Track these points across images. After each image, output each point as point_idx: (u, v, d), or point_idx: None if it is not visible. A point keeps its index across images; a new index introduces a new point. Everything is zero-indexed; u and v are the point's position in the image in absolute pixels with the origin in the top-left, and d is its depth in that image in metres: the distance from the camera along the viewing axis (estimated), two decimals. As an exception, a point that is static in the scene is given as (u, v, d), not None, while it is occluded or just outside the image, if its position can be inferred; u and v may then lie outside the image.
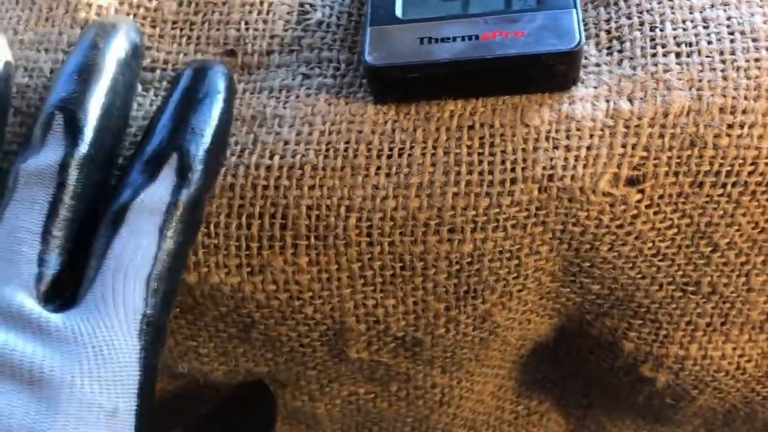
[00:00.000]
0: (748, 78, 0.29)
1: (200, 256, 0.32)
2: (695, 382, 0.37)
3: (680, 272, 0.33)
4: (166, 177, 0.27)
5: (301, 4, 0.35)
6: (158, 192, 0.27)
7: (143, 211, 0.27)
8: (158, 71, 0.34)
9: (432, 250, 0.31)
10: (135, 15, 0.35)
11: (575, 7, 0.30)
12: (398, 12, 0.31)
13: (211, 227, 0.31)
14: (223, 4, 0.35)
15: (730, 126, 0.29)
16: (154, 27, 0.35)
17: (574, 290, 0.34)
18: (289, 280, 0.32)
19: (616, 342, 0.36)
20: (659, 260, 0.32)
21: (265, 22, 0.34)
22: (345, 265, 0.32)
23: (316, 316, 0.34)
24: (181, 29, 0.35)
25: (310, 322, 0.34)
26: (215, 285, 0.32)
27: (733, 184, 0.30)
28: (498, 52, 0.29)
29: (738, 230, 0.31)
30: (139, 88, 0.33)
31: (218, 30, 0.34)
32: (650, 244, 0.32)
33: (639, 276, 0.33)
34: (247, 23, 0.34)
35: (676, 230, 0.31)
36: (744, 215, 0.31)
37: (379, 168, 0.31)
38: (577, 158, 0.30)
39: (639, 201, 0.30)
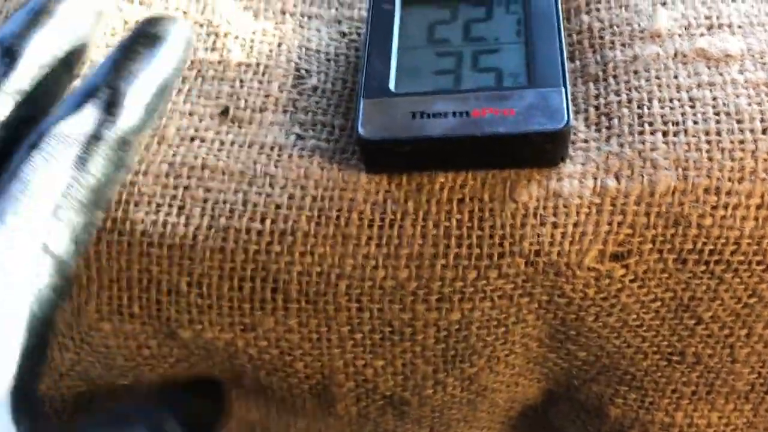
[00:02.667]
0: (732, 159, 0.30)
1: (194, 314, 0.32)
2: (680, 447, 0.37)
3: (665, 342, 0.34)
4: (92, 110, 0.26)
5: (297, 69, 0.35)
6: (79, 122, 0.26)
7: (59, 139, 0.25)
8: None
9: (420, 317, 0.32)
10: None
11: (564, 86, 0.30)
12: (391, 85, 0.32)
13: (204, 288, 0.32)
14: (219, 63, 0.35)
15: (714, 207, 0.30)
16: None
17: (561, 356, 0.35)
18: (280, 338, 0.33)
19: (603, 407, 0.37)
20: (644, 331, 0.33)
21: (260, 82, 0.35)
22: (335, 328, 0.32)
23: (307, 371, 0.34)
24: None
25: (300, 375, 0.35)
26: (209, 340, 0.33)
27: (716, 262, 0.31)
28: (487, 129, 0.30)
29: (721, 305, 0.32)
30: None
31: (211, 85, 0.35)
32: (635, 316, 0.32)
33: (624, 345, 0.34)
34: (242, 81, 0.35)
35: (659, 303, 0.32)
36: (727, 291, 0.31)
37: (369, 238, 0.31)
38: (563, 235, 0.30)
39: (623, 275, 0.31)
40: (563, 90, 0.30)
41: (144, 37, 0.28)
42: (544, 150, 0.30)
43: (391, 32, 0.33)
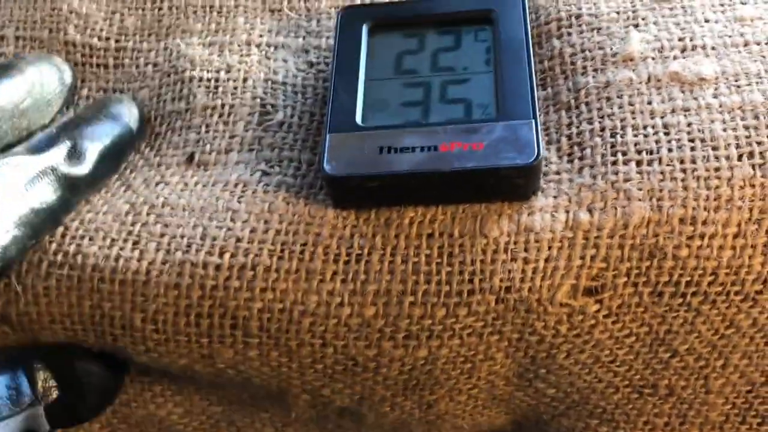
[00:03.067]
0: (708, 188, 0.29)
1: (150, 346, 0.31)
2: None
3: (638, 376, 0.32)
4: (54, 152, 0.30)
5: (263, 105, 0.34)
6: (41, 157, 0.30)
7: (19, 161, 0.29)
8: (114, 176, 0.34)
9: (386, 354, 0.31)
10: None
11: (534, 118, 0.29)
12: (358, 118, 0.31)
13: (159, 324, 0.30)
14: (186, 111, 0.34)
15: (690, 237, 0.29)
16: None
17: (528, 394, 0.34)
18: (239, 363, 0.31)
19: (575, 440, 0.36)
20: (616, 366, 0.32)
21: (225, 123, 0.34)
22: (296, 360, 0.31)
23: (263, 384, 0.33)
24: (146, 142, 0.34)
25: (256, 385, 0.33)
26: (166, 364, 0.32)
27: (693, 294, 0.30)
28: (456, 164, 0.29)
29: (697, 337, 0.31)
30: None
31: (179, 135, 0.34)
32: (608, 352, 0.31)
33: (595, 380, 0.33)
34: (207, 126, 0.34)
35: (634, 338, 0.31)
36: (704, 323, 0.30)
37: (335, 273, 0.30)
38: (534, 270, 0.29)
39: (597, 311, 0.30)
40: (533, 122, 0.29)
41: (102, 113, 0.33)
42: (515, 184, 0.29)
43: (358, 63, 0.32)
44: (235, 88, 0.35)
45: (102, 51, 0.37)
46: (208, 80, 0.35)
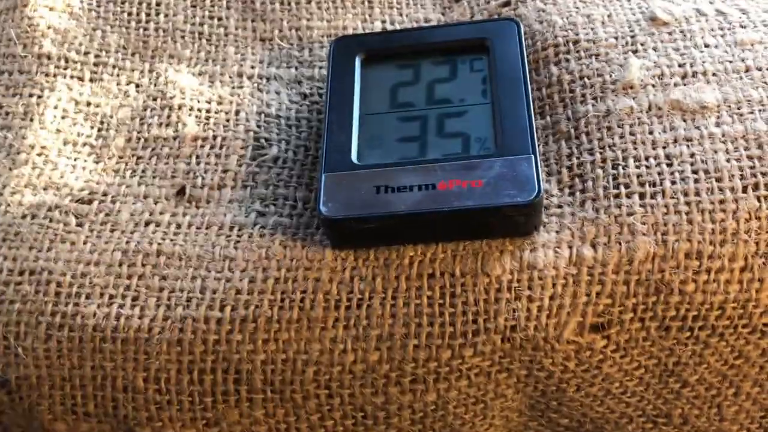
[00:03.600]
0: (713, 222, 0.28)
1: (152, 411, 0.30)
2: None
3: (650, 406, 0.32)
4: None
5: (257, 138, 0.33)
6: None
7: None
8: (96, 203, 0.32)
9: (394, 400, 0.30)
10: (79, 153, 0.33)
11: (534, 153, 0.29)
12: (354, 156, 0.30)
13: (162, 383, 0.30)
14: (174, 139, 0.33)
15: (696, 272, 0.28)
16: (97, 162, 0.33)
17: (542, 424, 0.33)
18: (245, 431, 0.31)
19: (589, 469, 0.35)
20: (628, 397, 0.32)
21: (217, 156, 0.33)
22: (303, 417, 0.31)
23: None
24: (126, 163, 0.33)
25: None
26: None
27: (701, 328, 0.29)
28: (455, 203, 0.28)
29: (707, 368, 0.31)
30: (73, 222, 0.32)
31: (167, 163, 0.33)
32: (618, 384, 0.31)
33: (608, 411, 0.32)
34: (198, 157, 0.33)
35: (643, 370, 0.31)
36: (712, 354, 0.30)
37: (336, 320, 0.29)
38: (540, 308, 0.29)
39: (605, 346, 0.29)
40: (533, 158, 0.28)
41: None
42: (516, 222, 0.29)
43: (352, 97, 0.32)
44: (228, 120, 0.34)
45: (79, 64, 0.36)
46: (199, 110, 0.34)
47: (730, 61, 0.32)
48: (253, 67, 0.36)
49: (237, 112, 0.34)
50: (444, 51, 0.33)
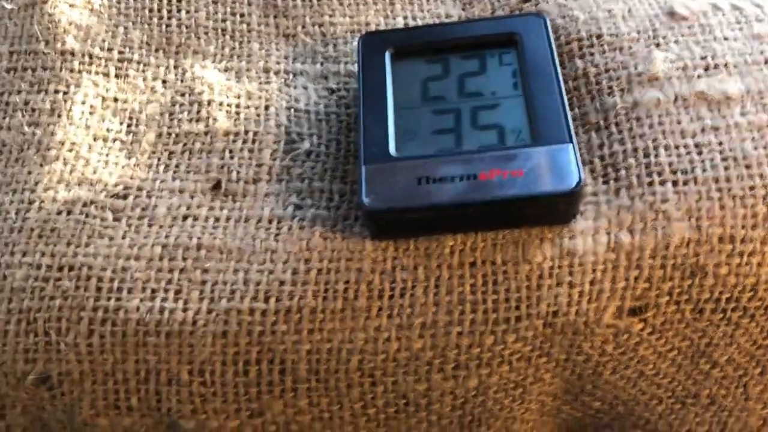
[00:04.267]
0: (744, 207, 0.30)
1: (197, 404, 0.30)
2: (693, 485, 0.37)
3: (680, 387, 0.33)
4: None
5: (288, 133, 0.34)
6: None
7: None
8: (131, 198, 0.32)
9: (436, 387, 0.31)
10: (110, 149, 0.33)
11: (572, 142, 0.29)
12: (392, 149, 0.30)
13: (207, 375, 0.30)
14: (206, 134, 0.33)
15: (729, 255, 0.29)
16: (129, 158, 0.33)
17: (575, 407, 0.34)
18: (289, 421, 0.31)
19: (616, 452, 0.36)
20: (660, 378, 0.32)
21: (251, 150, 0.33)
22: (347, 405, 0.31)
23: None
24: (159, 158, 0.33)
25: None
26: (214, 429, 0.31)
27: (733, 309, 0.30)
28: (498, 193, 0.29)
29: (737, 348, 0.32)
30: (110, 217, 0.32)
31: (200, 158, 0.33)
32: (651, 366, 0.32)
33: (640, 393, 0.33)
34: (231, 152, 0.33)
35: (676, 352, 0.31)
36: (743, 335, 0.31)
37: (380, 309, 0.30)
38: (581, 294, 0.29)
39: (642, 329, 0.30)
40: (571, 146, 0.29)
41: None
42: (557, 210, 0.29)
43: (385, 91, 0.32)
44: (258, 115, 0.34)
45: (103, 60, 0.36)
46: (229, 105, 0.34)
47: (750, 54, 0.33)
48: (278, 63, 0.36)
49: (266, 107, 0.34)
50: (472, 46, 0.34)
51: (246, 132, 0.33)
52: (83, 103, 0.34)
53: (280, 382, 0.30)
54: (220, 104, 0.34)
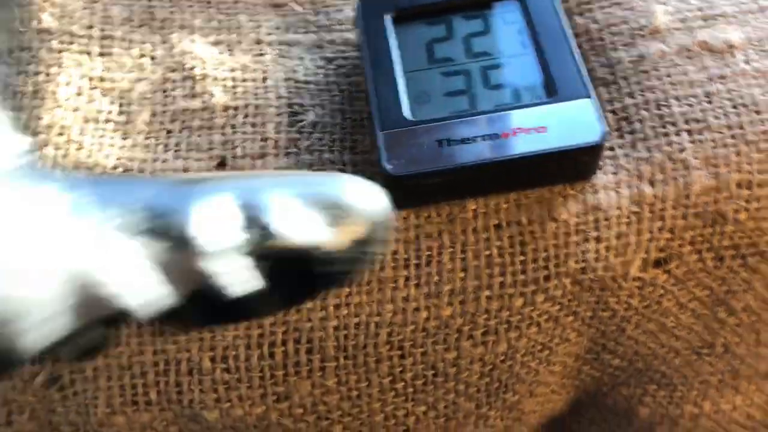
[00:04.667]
0: (759, 151, 0.30)
1: (221, 392, 0.29)
2: (707, 435, 0.37)
3: (697, 338, 0.33)
4: None
5: (290, 105, 0.32)
6: None
7: None
8: None
9: (465, 355, 0.30)
10: (104, 130, 0.31)
11: (590, 95, 0.29)
12: (406, 113, 0.29)
13: (230, 361, 0.28)
14: (203, 110, 0.32)
15: (747, 200, 0.30)
16: (125, 138, 0.31)
17: (595, 366, 0.34)
18: (317, 402, 0.30)
19: (632, 408, 0.36)
20: (679, 330, 0.33)
21: (253, 125, 0.32)
22: (375, 381, 0.30)
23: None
24: (157, 138, 0.31)
25: None
26: (238, 417, 0.29)
27: (752, 254, 0.31)
28: (522, 149, 0.28)
29: (753, 294, 0.32)
30: None
31: (200, 136, 0.31)
32: (672, 318, 0.32)
33: (659, 346, 0.33)
34: (233, 126, 0.32)
35: (697, 302, 0.32)
36: (759, 280, 0.32)
37: (407, 279, 0.29)
38: (607, 248, 0.29)
39: (665, 281, 0.30)
40: (590, 100, 0.29)
41: None
42: (582, 164, 0.29)
43: (390, 56, 0.31)
44: (256, 88, 0.33)
45: (85, 38, 0.33)
46: (224, 79, 0.33)
47: (744, 2, 0.33)
48: (270, 34, 0.35)
49: (264, 80, 0.33)
50: (474, 4, 0.33)
51: (246, 106, 0.32)
52: (68, 84, 0.32)
53: (307, 362, 0.29)
54: (215, 79, 0.32)
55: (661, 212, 0.29)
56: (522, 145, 0.28)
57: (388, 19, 0.32)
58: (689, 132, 0.30)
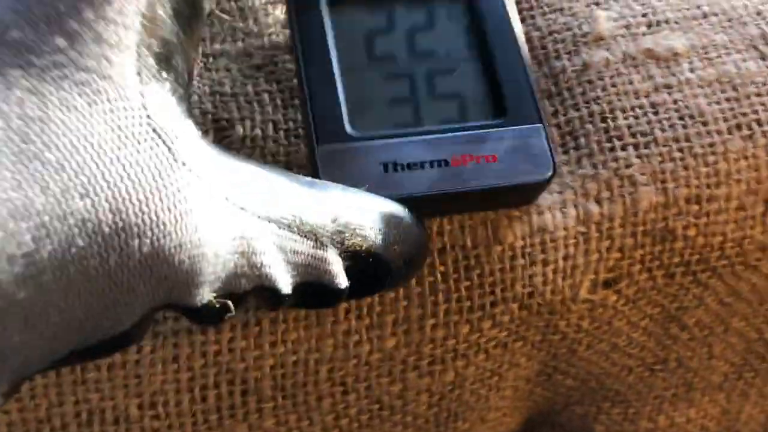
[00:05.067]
0: (706, 165, 0.29)
1: (150, 440, 0.27)
2: (662, 449, 0.37)
3: (650, 354, 0.32)
4: None
5: (215, 120, 0.30)
6: None
7: None
8: None
9: (412, 386, 0.29)
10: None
11: (542, 121, 0.27)
12: (347, 125, 0.27)
13: (159, 407, 0.26)
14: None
15: (696, 216, 0.29)
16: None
17: (547, 388, 0.33)
18: None
19: (587, 426, 0.35)
20: (631, 348, 0.32)
21: (178, 147, 0.29)
22: (317, 419, 0.28)
23: None
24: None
25: None
26: None
27: (702, 270, 0.30)
28: (474, 183, 0.26)
29: (705, 309, 0.31)
30: None
31: None
32: (624, 337, 0.31)
33: (611, 365, 0.32)
34: (156, 151, 0.29)
35: (648, 320, 0.31)
36: (710, 295, 0.31)
37: (348, 311, 0.27)
38: (555, 271, 0.28)
39: (616, 301, 0.29)
40: (542, 127, 0.27)
41: None
42: (531, 196, 0.27)
43: (327, 48, 0.27)
44: (178, 111, 0.30)
45: None
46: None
47: (687, 8, 0.32)
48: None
49: (189, 96, 0.31)
50: None
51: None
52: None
53: (242, 404, 0.27)
54: (136, 98, 0.30)
55: (609, 231, 0.28)
56: (473, 177, 0.26)
57: (323, 2, 0.29)
58: (635, 146, 0.29)
